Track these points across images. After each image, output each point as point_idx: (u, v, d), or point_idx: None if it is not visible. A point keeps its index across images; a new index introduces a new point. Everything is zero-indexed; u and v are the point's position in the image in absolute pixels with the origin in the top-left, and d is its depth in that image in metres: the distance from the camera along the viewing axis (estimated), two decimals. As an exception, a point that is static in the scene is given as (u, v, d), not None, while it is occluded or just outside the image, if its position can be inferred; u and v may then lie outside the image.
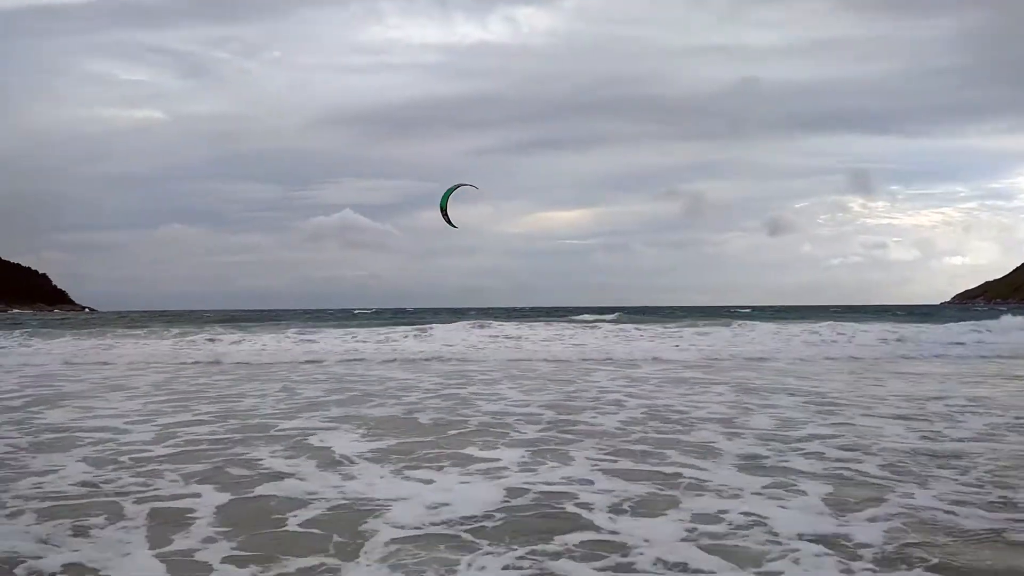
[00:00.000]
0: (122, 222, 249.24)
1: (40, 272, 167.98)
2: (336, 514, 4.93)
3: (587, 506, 5.04)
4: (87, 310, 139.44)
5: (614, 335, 22.57)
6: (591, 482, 5.73)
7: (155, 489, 5.55)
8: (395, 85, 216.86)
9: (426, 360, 18.02)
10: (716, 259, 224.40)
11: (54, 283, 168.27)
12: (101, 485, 5.67)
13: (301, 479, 5.88)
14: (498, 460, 6.56)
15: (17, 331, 28.12)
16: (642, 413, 9.36)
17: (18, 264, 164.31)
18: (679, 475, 5.92)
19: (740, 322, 25.94)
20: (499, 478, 5.89)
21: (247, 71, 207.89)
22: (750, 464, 6.35)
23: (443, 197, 15.67)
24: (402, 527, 4.60)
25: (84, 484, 5.71)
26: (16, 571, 3.87)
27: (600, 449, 7.04)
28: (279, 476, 6.00)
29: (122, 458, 6.70)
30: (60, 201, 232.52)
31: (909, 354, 19.09)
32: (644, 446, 7.16)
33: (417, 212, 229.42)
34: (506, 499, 5.27)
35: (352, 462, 6.53)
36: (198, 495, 5.37)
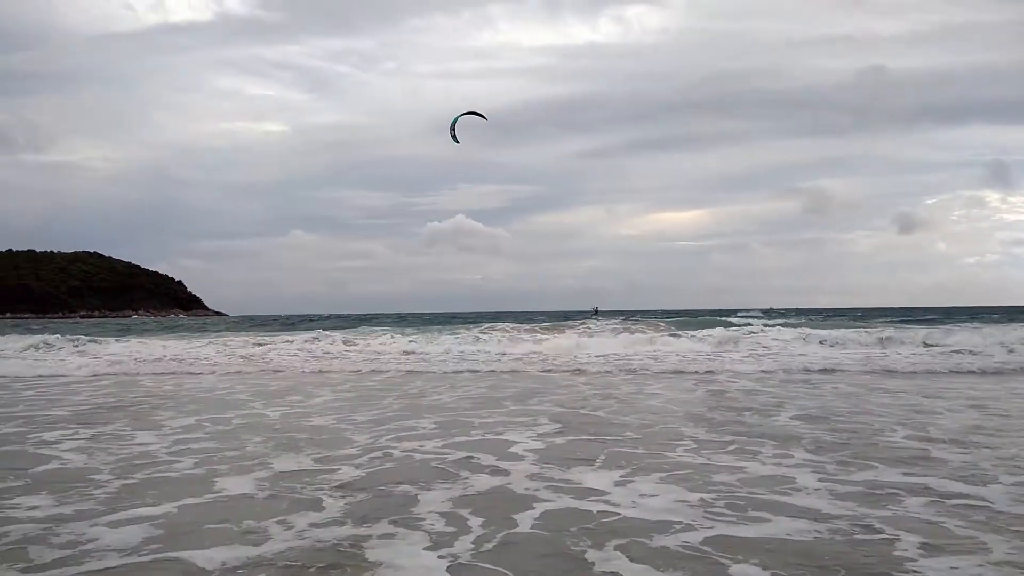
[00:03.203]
0: (248, 230, 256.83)
1: (176, 279, 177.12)
2: (593, 530, 4.63)
3: (888, 538, 4.27)
4: (219, 315, 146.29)
5: (744, 337, 22.31)
6: (846, 500, 5.18)
7: (408, 484, 5.53)
8: (506, 89, 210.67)
9: (574, 367, 18.21)
10: (842, 259, 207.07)
11: (189, 289, 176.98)
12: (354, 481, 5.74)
13: (537, 488, 5.74)
14: (710, 464, 6.33)
15: (188, 336, 30.10)
16: (806, 413, 9.20)
17: (156, 272, 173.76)
18: (927, 489, 5.45)
19: (868, 325, 25.22)
20: (732, 489, 5.51)
21: (364, 82, 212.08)
22: (988, 480, 5.80)
23: (454, 120, 16.32)
24: (668, 554, 4.16)
25: (352, 483, 5.79)
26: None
27: (806, 454, 6.74)
28: (497, 472, 5.91)
29: (365, 454, 6.85)
30: (193, 210, 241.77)
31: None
32: (843, 452, 6.84)
33: (528, 216, 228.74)
34: (751, 515, 4.96)
35: (555, 463, 6.38)
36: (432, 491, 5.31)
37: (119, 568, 3.96)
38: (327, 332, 24.99)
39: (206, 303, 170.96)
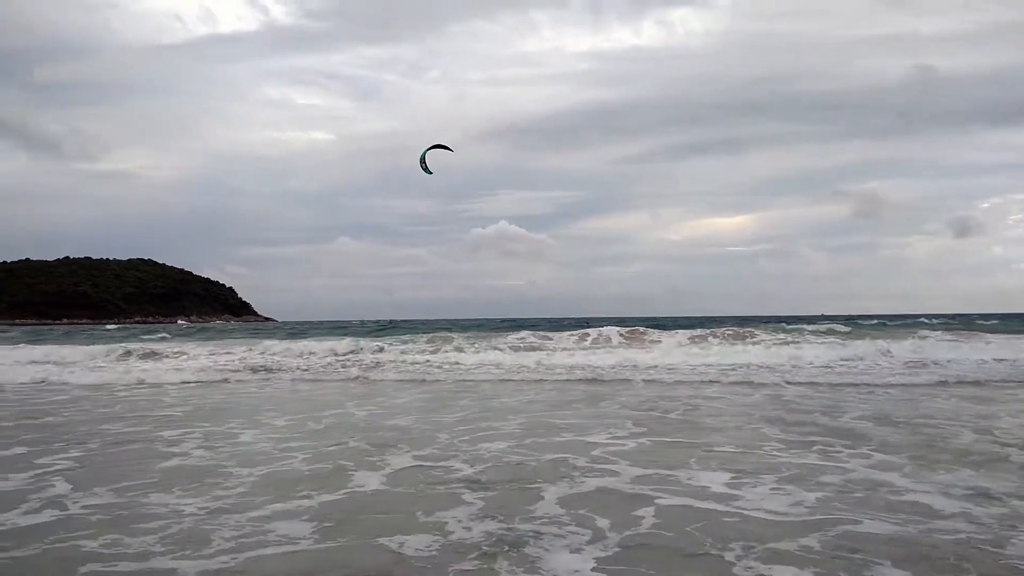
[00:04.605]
0: (297, 237, 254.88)
1: (227, 285, 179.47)
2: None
3: (1010, 535, 4.33)
4: (268, 320, 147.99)
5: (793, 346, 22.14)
6: (954, 499, 5.18)
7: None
8: (549, 95, 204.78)
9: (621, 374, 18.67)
10: (895, 264, 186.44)
11: (239, 295, 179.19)
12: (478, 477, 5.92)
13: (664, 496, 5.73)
14: (809, 463, 6.38)
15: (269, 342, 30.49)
16: (871, 416, 9.21)
17: (208, 278, 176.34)
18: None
19: (913, 332, 24.72)
20: (843, 488, 5.57)
21: (410, 90, 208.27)
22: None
23: (423, 153, 16.46)
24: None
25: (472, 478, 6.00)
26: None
27: (892, 455, 6.74)
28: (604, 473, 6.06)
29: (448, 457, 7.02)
30: (243, 218, 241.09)
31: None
32: (924, 453, 6.86)
33: (572, 222, 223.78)
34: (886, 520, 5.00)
35: (655, 463, 6.47)
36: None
37: (317, 550, 4.18)
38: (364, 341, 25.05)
39: (256, 309, 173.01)
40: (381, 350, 22.51)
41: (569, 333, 25.72)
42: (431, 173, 16.34)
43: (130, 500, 5.47)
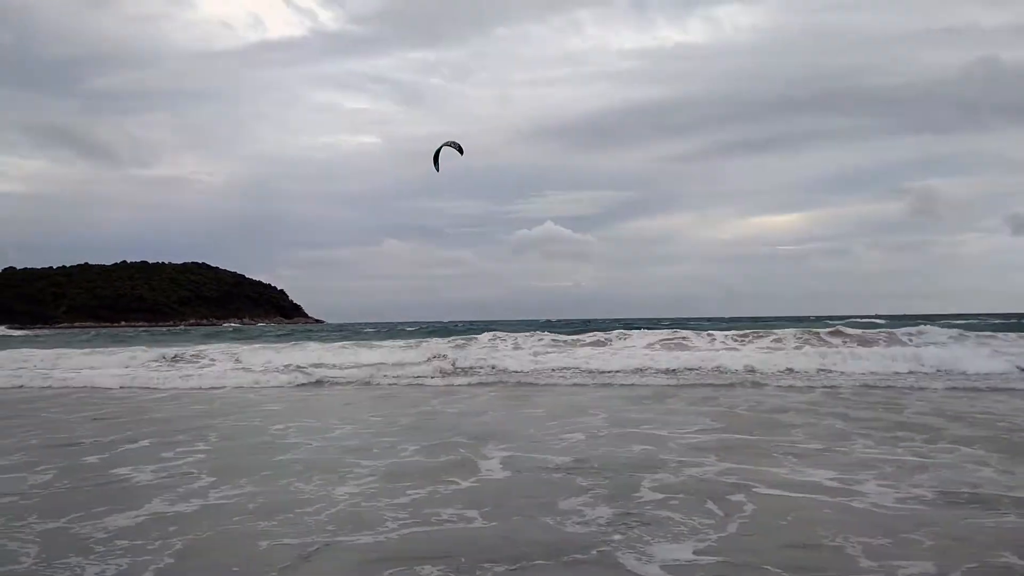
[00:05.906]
0: (345, 240, 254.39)
1: (278, 288, 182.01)
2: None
3: None
4: (317, 322, 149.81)
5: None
6: None
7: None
8: (595, 94, 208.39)
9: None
10: (951, 262, 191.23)
11: (291, 298, 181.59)
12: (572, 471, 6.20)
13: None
14: (901, 459, 6.55)
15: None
16: (933, 411, 9.42)
17: (260, 281, 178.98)
18: None
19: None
20: (944, 483, 5.78)
21: (456, 93, 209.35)
22: None
23: (437, 149, 16.68)
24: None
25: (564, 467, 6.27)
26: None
27: (974, 449, 6.88)
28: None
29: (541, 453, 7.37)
30: (294, 221, 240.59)
31: None
32: (1002, 447, 6.98)
33: (617, 222, 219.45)
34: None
35: (745, 456, 6.71)
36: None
37: (480, 528, 4.58)
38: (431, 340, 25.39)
39: (307, 311, 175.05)
40: (444, 353, 22.80)
41: (616, 334, 25.92)
42: (438, 171, 16.75)
43: (275, 488, 5.80)
